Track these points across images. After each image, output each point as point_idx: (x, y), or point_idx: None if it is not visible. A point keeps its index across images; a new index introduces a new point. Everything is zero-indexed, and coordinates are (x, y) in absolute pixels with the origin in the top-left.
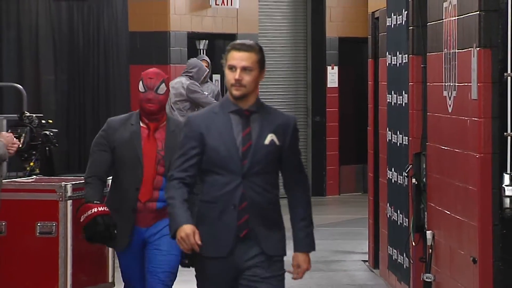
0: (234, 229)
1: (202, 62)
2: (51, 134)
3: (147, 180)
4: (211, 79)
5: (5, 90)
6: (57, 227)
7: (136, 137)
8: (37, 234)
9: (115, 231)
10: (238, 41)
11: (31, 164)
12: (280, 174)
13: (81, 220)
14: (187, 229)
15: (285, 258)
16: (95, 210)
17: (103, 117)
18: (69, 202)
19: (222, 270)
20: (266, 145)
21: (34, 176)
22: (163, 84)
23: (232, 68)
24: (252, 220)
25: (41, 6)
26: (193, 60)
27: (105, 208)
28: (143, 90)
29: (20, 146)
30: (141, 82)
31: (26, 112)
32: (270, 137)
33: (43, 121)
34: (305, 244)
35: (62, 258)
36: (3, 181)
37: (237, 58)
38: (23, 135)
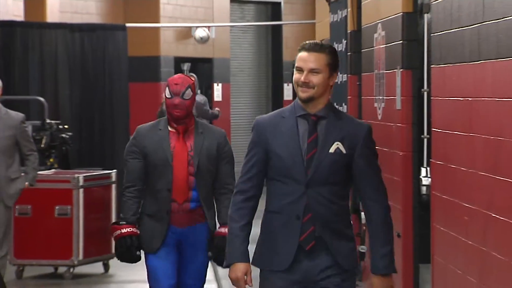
0: (297, 242)
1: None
2: (67, 136)
3: (181, 181)
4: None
5: (30, 102)
6: (72, 210)
7: (164, 141)
8: (56, 215)
9: (138, 252)
10: (309, 41)
11: (51, 160)
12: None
13: (113, 237)
14: (238, 271)
15: None
16: (123, 231)
17: (108, 123)
18: (81, 190)
19: (286, 285)
20: (331, 153)
21: (53, 170)
22: (189, 89)
23: (299, 69)
24: (320, 231)
25: (59, 36)
26: None
27: (133, 229)
28: (170, 96)
29: (43, 146)
30: (167, 89)
31: (47, 119)
32: (336, 145)
33: (60, 127)
34: (382, 265)
35: (75, 235)
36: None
37: (305, 60)
38: (45, 137)
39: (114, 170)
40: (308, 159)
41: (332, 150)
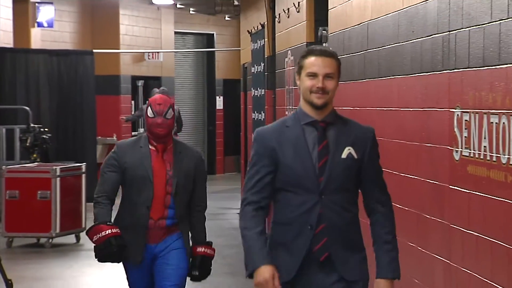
0: (304, 252)
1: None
2: (47, 137)
3: (158, 199)
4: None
5: (18, 111)
6: (51, 194)
7: (146, 159)
8: (38, 198)
9: (125, 251)
10: (315, 46)
11: (34, 155)
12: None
13: (94, 240)
14: (265, 273)
15: None
16: (109, 232)
17: (79, 127)
18: (58, 178)
19: None
20: (343, 159)
21: (36, 163)
22: (171, 109)
23: (313, 75)
24: (331, 242)
25: (41, 59)
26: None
27: (117, 229)
28: (153, 116)
29: (28, 145)
30: (149, 108)
31: (31, 124)
32: (347, 151)
33: (42, 130)
34: (389, 269)
35: (53, 213)
36: (18, 165)
37: (319, 65)
38: (29, 138)
39: (84, 163)
40: (320, 166)
41: (344, 155)
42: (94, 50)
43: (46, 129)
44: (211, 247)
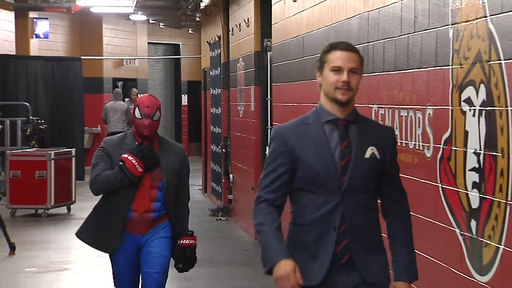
0: (331, 254)
1: (133, 93)
2: (43, 128)
3: (143, 193)
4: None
5: (20, 106)
6: (46, 174)
7: None
8: (36, 177)
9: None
10: (339, 42)
11: (33, 142)
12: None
13: (135, 164)
14: (286, 266)
15: None
16: (129, 158)
17: (70, 119)
18: (53, 161)
19: None
20: (366, 159)
21: (34, 148)
22: (158, 111)
23: (337, 69)
24: (352, 244)
25: (38, 65)
26: (119, 90)
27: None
28: (140, 117)
29: (28, 133)
30: (137, 109)
31: (30, 117)
32: (370, 150)
33: (39, 121)
34: (408, 272)
35: (49, 189)
36: (19, 150)
37: (344, 59)
38: (29, 128)
39: (73, 149)
40: (343, 166)
41: (367, 155)
42: (82, 57)
43: (42, 121)
44: (194, 237)
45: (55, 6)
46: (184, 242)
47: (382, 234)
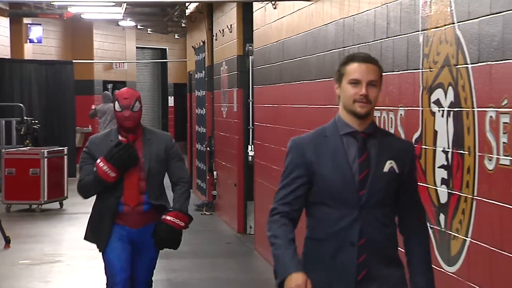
0: (354, 271)
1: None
2: (37, 127)
3: (132, 186)
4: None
5: (15, 107)
6: (40, 171)
7: None
8: (30, 174)
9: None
10: (358, 53)
11: (27, 141)
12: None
13: (110, 174)
14: (298, 279)
15: None
16: (101, 164)
17: (62, 119)
18: (46, 159)
19: None
20: (385, 173)
21: (28, 147)
22: (137, 102)
23: (355, 82)
24: (370, 259)
25: (32, 68)
26: (108, 92)
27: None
28: (120, 110)
29: (22, 133)
30: (117, 103)
31: (25, 117)
32: (389, 164)
33: (33, 121)
34: (425, 282)
35: (42, 186)
36: (14, 149)
37: (363, 71)
38: (23, 128)
39: (66, 147)
40: (361, 179)
41: (386, 169)
42: (74, 61)
43: (36, 121)
44: (184, 219)
45: (48, 12)
46: (166, 218)
47: (399, 249)
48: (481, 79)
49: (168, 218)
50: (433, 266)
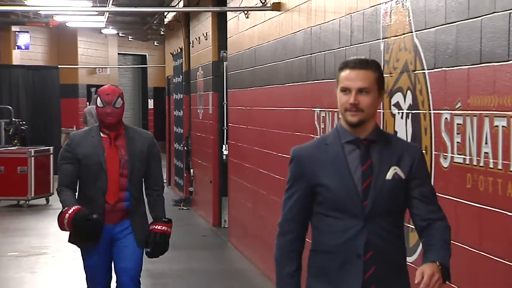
0: (360, 284)
1: None
2: (24, 128)
3: (113, 183)
4: None
5: (3, 109)
6: (27, 169)
7: (98, 147)
8: (18, 172)
9: (94, 216)
10: (353, 58)
11: (15, 141)
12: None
13: (65, 227)
14: None
15: None
16: (70, 212)
17: (48, 121)
18: (33, 158)
19: None
20: (388, 180)
21: (16, 147)
22: (120, 98)
23: (345, 90)
24: (380, 272)
25: (20, 73)
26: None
27: (77, 206)
28: (102, 106)
29: (10, 133)
30: (99, 99)
31: (13, 118)
32: (393, 171)
33: (21, 123)
34: (439, 255)
35: (29, 183)
36: (3, 148)
37: (352, 79)
38: (12, 128)
39: (51, 147)
40: (364, 188)
41: (389, 176)
42: (59, 66)
43: (24, 122)
44: (169, 224)
45: (35, 21)
46: (155, 227)
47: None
48: (437, 84)
49: (158, 227)
50: None
